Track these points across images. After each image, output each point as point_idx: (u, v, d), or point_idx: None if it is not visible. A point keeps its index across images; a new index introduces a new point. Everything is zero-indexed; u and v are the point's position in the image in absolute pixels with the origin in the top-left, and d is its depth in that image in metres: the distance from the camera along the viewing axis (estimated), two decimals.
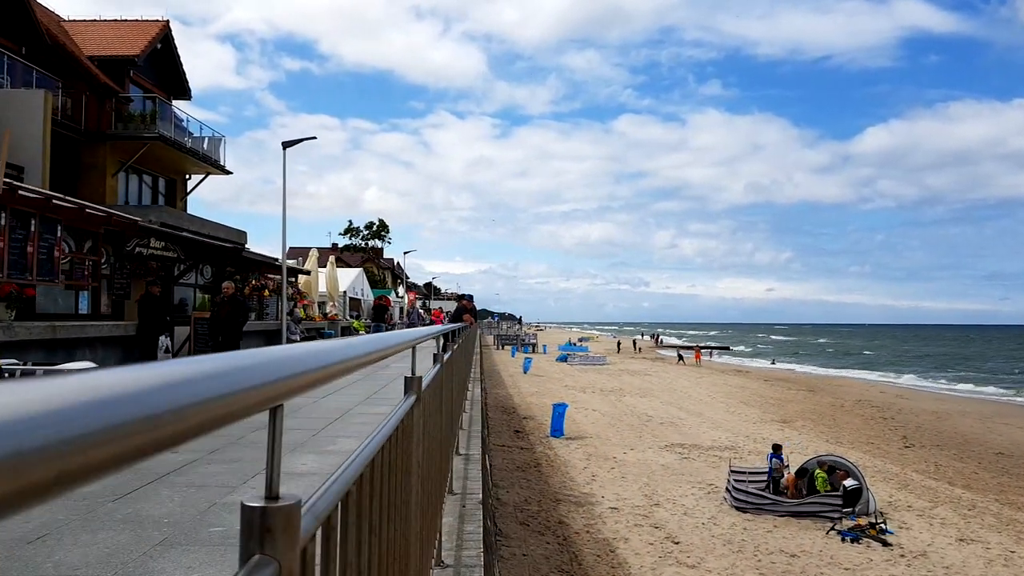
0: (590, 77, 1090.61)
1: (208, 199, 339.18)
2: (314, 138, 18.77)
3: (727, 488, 14.59)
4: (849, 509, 13.79)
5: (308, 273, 23.58)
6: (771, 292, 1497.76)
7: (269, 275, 19.95)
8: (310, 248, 34.76)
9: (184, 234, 16.55)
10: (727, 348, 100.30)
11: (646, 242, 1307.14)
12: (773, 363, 70.81)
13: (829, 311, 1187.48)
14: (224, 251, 16.49)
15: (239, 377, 0.60)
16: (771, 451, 15.53)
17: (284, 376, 0.72)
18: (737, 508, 13.90)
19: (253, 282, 17.29)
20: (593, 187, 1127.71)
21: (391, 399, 8.91)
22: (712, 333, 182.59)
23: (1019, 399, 40.44)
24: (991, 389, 46.28)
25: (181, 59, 26.86)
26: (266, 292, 17.74)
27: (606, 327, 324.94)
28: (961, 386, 48.41)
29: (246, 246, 20.86)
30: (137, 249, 13.17)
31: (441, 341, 4.04)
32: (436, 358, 3.52)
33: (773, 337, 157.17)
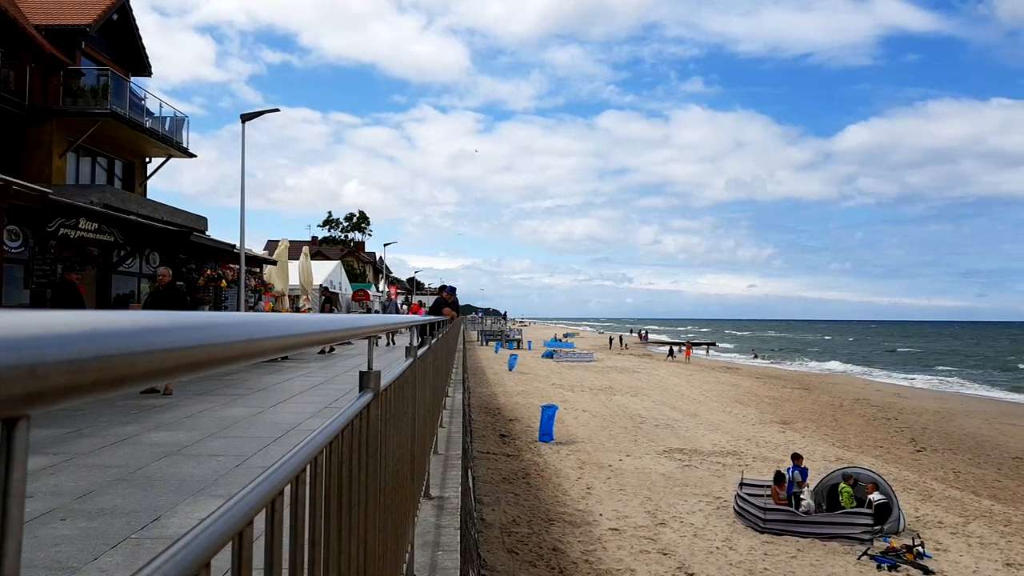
0: (573, 73, 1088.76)
1: (189, 191, 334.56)
2: (277, 110, 16.96)
3: (736, 503, 12.97)
4: (879, 528, 12.25)
5: (274, 263, 21.66)
6: (753, 288, 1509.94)
7: (231, 264, 18.08)
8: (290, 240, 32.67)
9: (131, 217, 14.65)
10: (714, 344, 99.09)
11: (629, 238, 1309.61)
12: (755, 357, 70.25)
13: (811, 307, 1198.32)
14: (172, 236, 14.61)
15: None
16: (791, 463, 13.93)
17: None
18: (754, 528, 12.29)
19: (208, 271, 15.45)
20: (577, 183, 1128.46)
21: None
22: (680, 329, 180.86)
23: (1021, 398, 39.31)
24: (985, 389, 45.20)
25: (140, 31, 24.82)
26: (223, 283, 15.89)
27: (590, 323, 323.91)
28: (960, 384, 47.28)
29: (205, 232, 18.96)
30: (62, 231, 11.30)
31: (375, 344, 2.21)
32: (363, 379, 1.79)
33: (737, 333, 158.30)
